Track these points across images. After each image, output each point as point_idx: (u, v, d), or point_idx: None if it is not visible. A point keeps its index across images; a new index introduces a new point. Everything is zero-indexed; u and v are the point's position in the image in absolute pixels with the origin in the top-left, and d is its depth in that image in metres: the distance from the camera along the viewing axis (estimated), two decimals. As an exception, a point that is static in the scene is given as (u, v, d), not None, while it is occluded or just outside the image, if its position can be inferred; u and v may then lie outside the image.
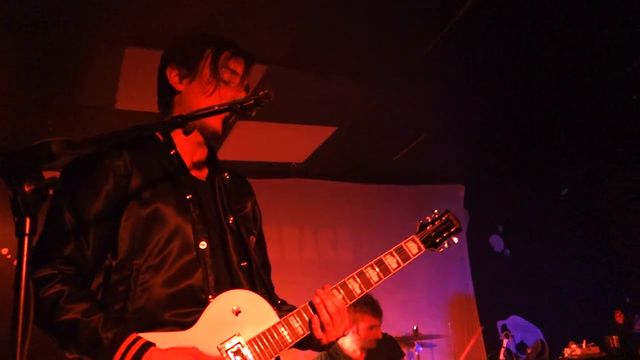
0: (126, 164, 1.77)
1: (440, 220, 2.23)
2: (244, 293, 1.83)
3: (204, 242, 1.80)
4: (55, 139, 1.17)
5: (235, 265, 1.91)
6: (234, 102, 1.73)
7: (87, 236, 1.69)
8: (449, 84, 5.49)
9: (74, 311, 1.57)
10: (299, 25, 4.29)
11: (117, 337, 1.56)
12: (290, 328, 1.81)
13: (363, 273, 2.00)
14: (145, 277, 1.70)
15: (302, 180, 7.23)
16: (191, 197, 1.85)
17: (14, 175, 1.10)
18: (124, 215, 1.73)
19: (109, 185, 1.74)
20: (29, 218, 1.09)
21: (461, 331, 7.40)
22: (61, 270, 1.63)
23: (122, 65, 4.49)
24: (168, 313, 1.69)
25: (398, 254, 2.09)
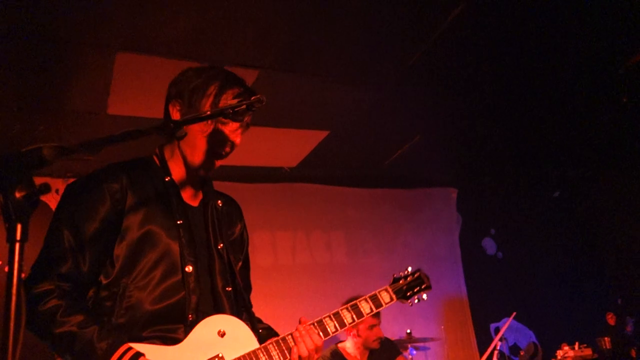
0: (122, 188, 1.88)
1: (412, 277, 2.45)
2: (230, 318, 1.95)
3: (190, 266, 1.90)
4: (47, 145, 1.17)
5: (220, 289, 2.01)
6: (226, 107, 1.73)
7: (83, 254, 1.79)
8: (441, 87, 5.51)
9: (70, 324, 1.68)
10: (290, 30, 4.29)
11: (110, 347, 1.66)
12: (268, 355, 1.92)
13: (339, 314, 2.13)
14: (130, 294, 1.81)
15: (294, 185, 7.22)
16: (181, 223, 1.94)
17: (4, 181, 1.10)
18: (118, 236, 1.84)
19: (106, 207, 1.84)
20: (20, 224, 1.09)
21: (454, 334, 7.41)
22: (59, 286, 1.74)
23: (114, 70, 4.48)
24: (147, 331, 1.80)
25: (372, 301, 2.24)
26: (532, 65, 5.26)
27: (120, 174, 1.91)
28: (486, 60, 5.09)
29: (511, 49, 4.95)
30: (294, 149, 6.56)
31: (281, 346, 1.96)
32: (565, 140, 7.16)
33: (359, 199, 7.58)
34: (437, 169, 7.78)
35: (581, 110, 6.31)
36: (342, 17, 4.24)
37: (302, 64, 4.78)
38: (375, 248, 7.34)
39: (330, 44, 4.53)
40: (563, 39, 4.89)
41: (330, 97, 5.39)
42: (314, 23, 4.25)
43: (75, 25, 3.94)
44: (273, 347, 1.94)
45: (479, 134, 6.75)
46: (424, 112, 6.03)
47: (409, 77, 5.15)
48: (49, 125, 5.15)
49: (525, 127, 6.68)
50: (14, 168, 1.12)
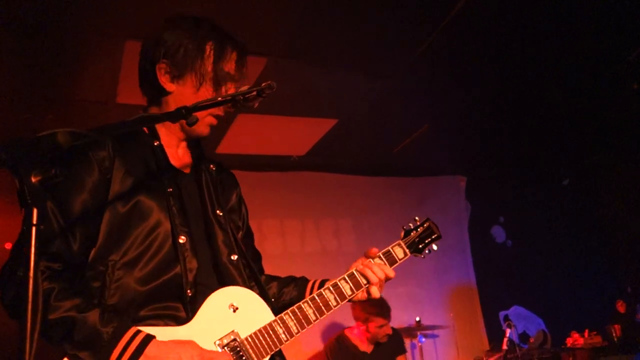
0: (110, 156, 1.74)
1: (423, 227, 2.32)
2: (240, 290, 1.85)
3: (184, 236, 1.77)
4: (61, 130, 1.18)
5: (225, 260, 1.89)
6: (237, 94, 1.72)
7: (73, 230, 1.67)
8: (450, 75, 5.48)
9: (66, 308, 1.54)
10: (299, 17, 4.28)
11: (116, 331, 1.54)
12: (285, 327, 1.84)
13: (353, 274, 2.06)
14: (120, 273, 1.67)
15: (303, 173, 7.23)
16: (171, 191, 1.81)
17: (20, 166, 1.10)
18: (106, 208, 1.70)
19: (94, 177, 1.71)
20: (36, 208, 1.10)
21: (464, 322, 7.42)
22: (49, 267, 1.60)
23: (123, 58, 4.48)
24: (143, 310, 1.67)
25: (385, 258, 2.14)
26: (541, 52, 5.21)
27: (106, 142, 1.75)
28: (494, 48, 5.05)
29: (519, 36, 4.91)
30: (303, 138, 6.55)
31: (297, 316, 1.88)
32: (574, 127, 7.11)
33: (368, 187, 7.58)
34: (445, 157, 7.75)
35: (591, 97, 6.26)
36: (350, 5, 4.21)
37: (310, 52, 4.76)
38: (383, 236, 7.30)
39: (339, 32, 4.51)
40: (572, 27, 4.84)
41: (338, 85, 5.37)
42: (323, 11, 4.23)
43: (84, 13, 3.94)
44: (289, 317, 1.87)
45: (488, 122, 6.71)
46: (433, 101, 6.00)
47: (418, 65, 5.12)
48: (58, 114, 5.16)
49: (534, 115, 6.64)
50: (30, 153, 1.12)
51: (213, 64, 1.86)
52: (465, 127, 6.81)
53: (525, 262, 8.06)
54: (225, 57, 1.89)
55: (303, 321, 1.89)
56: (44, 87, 4.82)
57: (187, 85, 1.87)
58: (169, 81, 1.89)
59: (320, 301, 1.94)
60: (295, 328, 1.86)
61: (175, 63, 1.87)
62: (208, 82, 1.86)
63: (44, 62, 4.46)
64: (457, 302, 7.57)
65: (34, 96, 4.93)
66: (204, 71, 1.85)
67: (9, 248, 5.72)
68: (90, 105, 5.15)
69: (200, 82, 1.85)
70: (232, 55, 1.92)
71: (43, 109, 5.08)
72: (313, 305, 1.93)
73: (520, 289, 7.89)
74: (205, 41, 1.88)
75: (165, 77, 1.88)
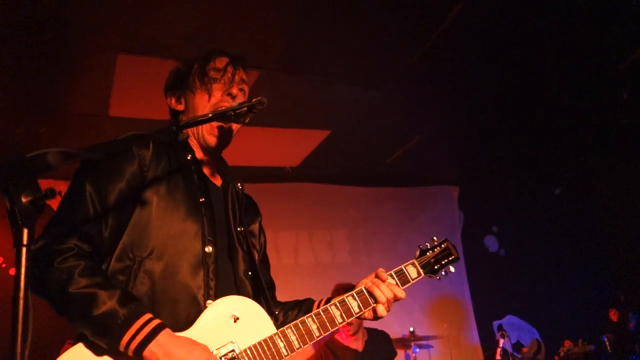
0: (151, 155, 1.83)
1: (440, 248, 2.24)
2: (243, 300, 1.83)
3: (210, 246, 1.81)
4: (52, 150, 1.18)
5: (242, 274, 1.93)
6: (227, 110, 1.75)
7: (106, 217, 1.71)
8: (442, 86, 5.51)
9: (89, 284, 1.57)
10: (290, 30, 4.31)
11: (133, 312, 1.56)
12: (286, 340, 1.80)
13: (362, 292, 2.00)
14: (146, 271, 1.72)
15: (297, 184, 7.23)
16: (204, 201, 1.88)
17: (11, 187, 1.11)
18: (139, 201, 1.76)
19: (134, 169, 1.77)
20: (26, 229, 1.10)
21: (458, 332, 7.42)
22: (78, 246, 1.64)
23: (115, 72, 4.50)
24: (164, 312, 1.69)
25: (397, 277, 2.08)
26: (532, 62, 5.26)
27: (149, 141, 1.84)
28: (486, 58, 5.09)
29: (512, 47, 4.95)
30: (296, 149, 6.57)
31: (300, 330, 1.83)
32: (566, 136, 7.15)
33: (361, 198, 7.59)
34: (438, 168, 7.79)
35: (582, 107, 6.30)
36: (342, 17, 4.25)
37: (302, 64, 4.79)
38: (377, 247, 7.35)
39: (331, 44, 4.54)
40: (563, 36, 4.89)
41: (331, 97, 5.40)
42: (315, 23, 4.27)
43: (76, 27, 3.96)
44: (292, 331, 1.82)
45: (480, 132, 6.75)
46: (425, 111, 6.03)
47: (410, 76, 5.16)
48: (51, 127, 5.16)
49: (527, 125, 6.68)
50: (20, 173, 1.13)
51: (199, 69, 2.01)
52: (458, 137, 6.84)
53: (519, 272, 8.07)
54: (210, 60, 2.02)
55: (306, 336, 1.84)
56: (38, 101, 4.83)
57: (188, 98, 2.03)
58: (176, 103, 2.07)
59: (325, 317, 1.89)
60: (297, 343, 1.82)
61: (176, 86, 2.08)
62: (198, 86, 1.98)
63: (38, 76, 4.47)
64: (451, 312, 7.56)
65: (28, 109, 4.93)
66: (194, 78, 2.01)
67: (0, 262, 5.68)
68: (83, 118, 5.15)
69: (193, 90, 1.99)
70: (220, 58, 2.05)
71: (37, 122, 5.08)
72: (317, 320, 1.88)
73: (513, 298, 7.89)
74: (194, 60, 2.06)
75: (173, 100, 2.08)
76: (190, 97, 2.00)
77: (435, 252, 2.22)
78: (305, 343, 1.83)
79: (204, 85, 1.97)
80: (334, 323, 1.90)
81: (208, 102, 1.96)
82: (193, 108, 1.99)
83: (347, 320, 1.94)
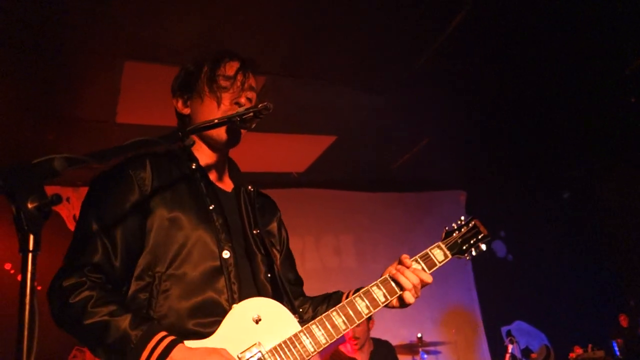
0: (149, 174, 1.81)
1: (467, 227, 2.18)
2: (265, 301, 1.80)
3: (227, 251, 1.80)
4: (57, 156, 1.18)
5: (262, 277, 1.91)
6: (233, 115, 1.76)
7: (114, 246, 1.72)
8: (448, 90, 5.50)
9: (101, 314, 1.59)
10: (296, 36, 4.31)
11: (145, 334, 1.57)
12: (312, 337, 1.76)
13: (387, 280, 1.97)
14: (167, 285, 1.72)
15: (303, 190, 7.23)
16: (214, 208, 1.86)
17: (17, 192, 1.11)
18: (147, 223, 1.75)
19: (135, 196, 1.77)
20: (32, 235, 1.10)
21: (466, 338, 7.37)
22: (90, 278, 1.65)
23: (122, 79, 4.52)
24: (191, 322, 1.70)
25: (423, 261, 2.03)
26: (539, 66, 5.25)
27: (145, 161, 1.83)
28: (492, 62, 5.08)
29: (516, 51, 4.94)
30: (302, 155, 6.57)
31: (325, 325, 1.78)
32: (574, 141, 7.12)
33: (367, 203, 7.58)
34: (445, 172, 7.76)
35: (590, 111, 6.28)
36: (348, 23, 4.25)
37: (308, 70, 4.80)
38: (384, 252, 7.32)
39: (337, 49, 4.55)
40: (570, 41, 4.87)
41: (337, 102, 5.40)
42: (320, 29, 4.27)
43: (84, 34, 3.99)
44: (317, 327, 1.78)
45: (487, 137, 6.73)
46: (431, 116, 6.02)
47: (416, 80, 5.15)
48: (58, 134, 5.20)
49: (533, 129, 6.66)
50: (26, 179, 1.13)
51: (208, 74, 1.96)
52: (465, 141, 6.83)
53: (527, 277, 8.02)
54: (220, 65, 1.97)
55: (332, 331, 1.78)
56: (45, 107, 4.86)
57: (195, 103, 1.98)
58: (183, 106, 2.03)
59: (350, 309, 1.84)
60: (323, 339, 1.76)
61: (184, 89, 2.02)
62: (207, 93, 1.94)
63: (45, 82, 4.50)
64: (459, 318, 7.52)
65: (35, 116, 4.96)
66: (202, 84, 1.96)
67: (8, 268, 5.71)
68: (91, 124, 5.18)
69: (202, 96, 1.94)
70: (230, 63, 1.99)
71: (44, 128, 5.11)
72: (342, 313, 1.83)
73: (522, 303, 7.84)
74: (204, 62, 2.00)
75: (180, 104, 2.03)
76: (198, 103, 1.96)
77: (462, 232, 2.16)
78: (332, 338, 1.78)
79: (212, 93, 1.93)
80: (360, 315, 1.85)
81: (216, 110, 1.92)
82: (200, 114, 1.95)
83: (373, 311, 1.89)
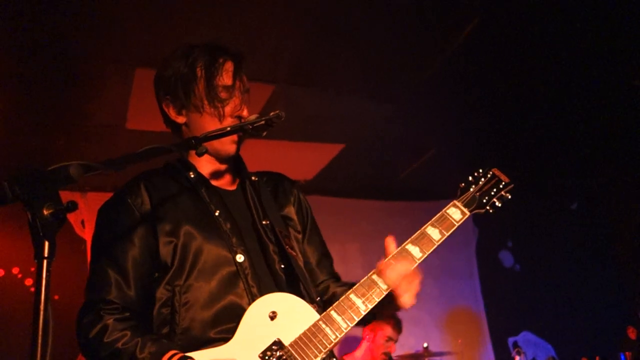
0: (146, 197, 1.81)
1: (485, 178, 2.06)
2: (278, 295, 1.76)
3: (241, 254, 1.78)
4: (73, 163, 1.19)
5: (277, 269, 1.87)
6: (245, 123, 1.76)
7: (126, 277, 1.73)
8: (456, 100, 5.50)
9: (115, 343, 1.60)
10: (305, 44, 4.33)
11: (153, 356, 1.56)
12: (332, 323, 1.69)
13: (405, 250, 1.89)
14: (187, 297, 1.71)
15: (310, 197, 7.12)
16: (219, 213, 1.84)
17: (32, 199, 1.12)
18: (156, 244, 1.75)
19: (137, 222, 1.77)
20: (47, 241, 1.11)
21: (472, 348, 7.33)
22: (106, 310, 1.67)
23: (133, 85, 4.55)
24: (214, 330, 1.69)
25: (439, 224, 1.94)
26: (548, 76, 5.24)
27: (140, 185, 1.83)
28: (501, 72, 5.08)
29: (526, 61, 4.94)
30: (310, 162, 6.58)
31: (344, 308, 1.71)
32: (582, 151, 7.10)
33: (375, 212, 7.56)
34: (452, 182, 7.71)
35: (599, 121, 6.26)
36: (356, 31, 4.27)
37: (317, 78, 4.81)
38: (390, 261, 7.29)
39: (345, 58, 4.56)
40: (580, 52, 4.86)
41: (345, 111, 5.41)
42: (329, 37, 4.29)
43: (95, 41, 4.02)
44: (335, 312, 1.70)
45: (494, 146, 6.71)
46: (439, 125, 6.02)
47: (425, 89, 5.15)
48: (68, 139, 5.22)
49: (541, 139, 6.64)
50: (42, 186, 1.14)
51: (206, 83, 1.85)
52: (472, 150, 6.81)
53: (534, 287, 7.97)
54: (217, 71, 1.88)
55: (352, 314, 1.70)
56: (56, 112, 4.89)
57: (192, 111, 1.89)
58: (177, 114, 1.93)
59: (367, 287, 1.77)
60: (344, 323, 1.69)
61: (176, 95, 1.90)
62: (207, 103, 1.85)
63: (56, 88, 4.53)
64: (465, 328, 7.48)
65: (46, 121, 4.99)
66: (200, 94, 1.86)
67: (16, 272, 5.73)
68: (101, 130, 5.21)
69: (201, 105, 1.85)
70: (225, 66, 1.90)
71: (54, 133, 5.14)
72: (359, 294, 1.75)
73: (529, 314, 7.79)
74: (195, 64, 1.88)
75: (173, 111, 1.93)
76: (196, 116, 1.88)
77: (479, 184, 2.04)
78: (353, 321, 1.70)
79: (214, 109, 1.85)
80: (381, 292, 1.76)
81: (218, 124, 1.85)
82: (200, 126, 1.87)
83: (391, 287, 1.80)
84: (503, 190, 2.05)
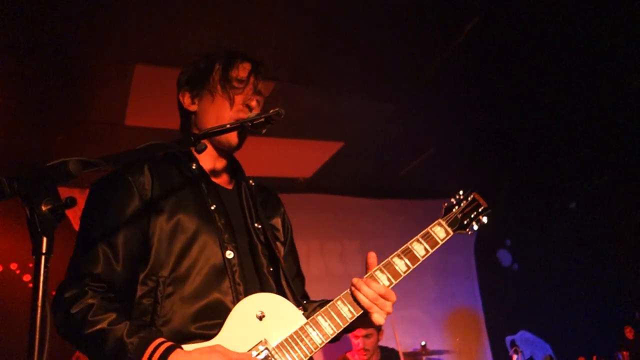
0: (148, 179, 1.81)
1: (467, 201, 2.16)
2: (267, 296, 1.78)
3: (231, 251, 1.80)
4: (72, 159, 1.19)
5: (265, 271, 1.90)
6: (245, 120, 1.78)
7: (116, 253, 1.71)
8: (456, 99, 5.50)
9: (100, 323, 1.58)
10: (305, 43, 4.33)
11: (142, 341, 1.55)
12: (318, 328, 1.74)
13: (390, 263, 1.93)
14: (171, 289, 1.71)
15: (309, 195, 7.23)
16: (215, 207, 1.86)
17: (31, 195, 1.12)
18: (149, 228, 1.75)
19: (135, 201, 1.77)
20: (45, 238, 1.11)
21: (470, 347, 7.34)
22: (91, 287, 1.66)
23: (132, 82, 4.54)
24: (195, 325, 1.69)
25: (425, 241, 2.01)
26: (549, 77, 5.24)
27: (143, 167, 1.83)
28: (501, 72, 5.08)
29: (526, 62, 4.94)
30: (309, 160, 6.58)
31: (331, 314, 1.76)
32: (581, 151, 7.10)
33: (374, 210, 7.57)
34: (451, 181, 7.74)
35: (597, 122, 6.26)
36: (357, 30, 4.26)
37: (317, 77, 4.81)
38: (389, 259, 7.30)
39: (345, 56, 4.56)
40: (580, 52, 4.86)
41: (344, 109, 5.41)
42: (329, 36, 4.28)
43: (94, 38, 4.01)
44: (322, 318, 1.75)
45: (494, 145, 6.72)
46: (439, 124, 6.02)
47: (424, 88, 5.15)
48: (67, 136, 5.22)
49: (540, 138, 6.64)
50: (41, 182, 1.14)
51: (221, 73, 1.96)
52: (471, 149, 6.82)
53: (532, 286, 7.97)
54: (233, 65, 1.98)
55: (338, 320, 1.76)
56: (54, 109, 4.88)
57: (204, 101, 1.98)
58: (190, 102, 2.02)
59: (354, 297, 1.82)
60: (330, 329, 1.74)
61: (193, 84, 2.02)
62: (220, 92, 1.94)
63: (55, 85, 4.52)
64: (463, 327, 7.49)
65: (45, 118, 4.98)
66: (214, 82, 1.96)
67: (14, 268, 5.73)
68: (100, 127, 5.21)
69: (213, 94, 1.95)
70: (242, 64, 2.01)
71: (53, 130, 5.14)
72: (347, 301, 1.81)
73: (527, 313, 7.80)
74: (215, 60, 2.02)
75: (187, 100, 2.03)
76: (208, 101, 1.97)
77: (461, 206, 2.14)
78: (339, 327, 1.75)
79: (225, 93, 1.93)
80: None
81: (228, 110, 1.93)
82: (209, 113, 1.96)
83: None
84: (480, 215, 2.15)
